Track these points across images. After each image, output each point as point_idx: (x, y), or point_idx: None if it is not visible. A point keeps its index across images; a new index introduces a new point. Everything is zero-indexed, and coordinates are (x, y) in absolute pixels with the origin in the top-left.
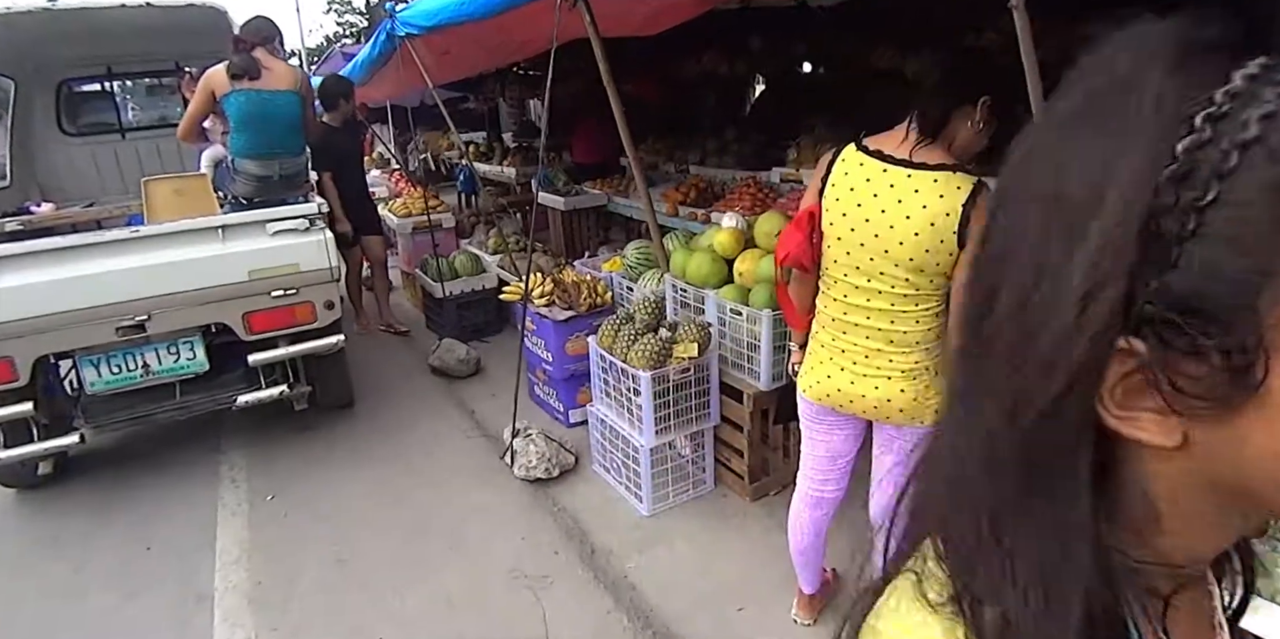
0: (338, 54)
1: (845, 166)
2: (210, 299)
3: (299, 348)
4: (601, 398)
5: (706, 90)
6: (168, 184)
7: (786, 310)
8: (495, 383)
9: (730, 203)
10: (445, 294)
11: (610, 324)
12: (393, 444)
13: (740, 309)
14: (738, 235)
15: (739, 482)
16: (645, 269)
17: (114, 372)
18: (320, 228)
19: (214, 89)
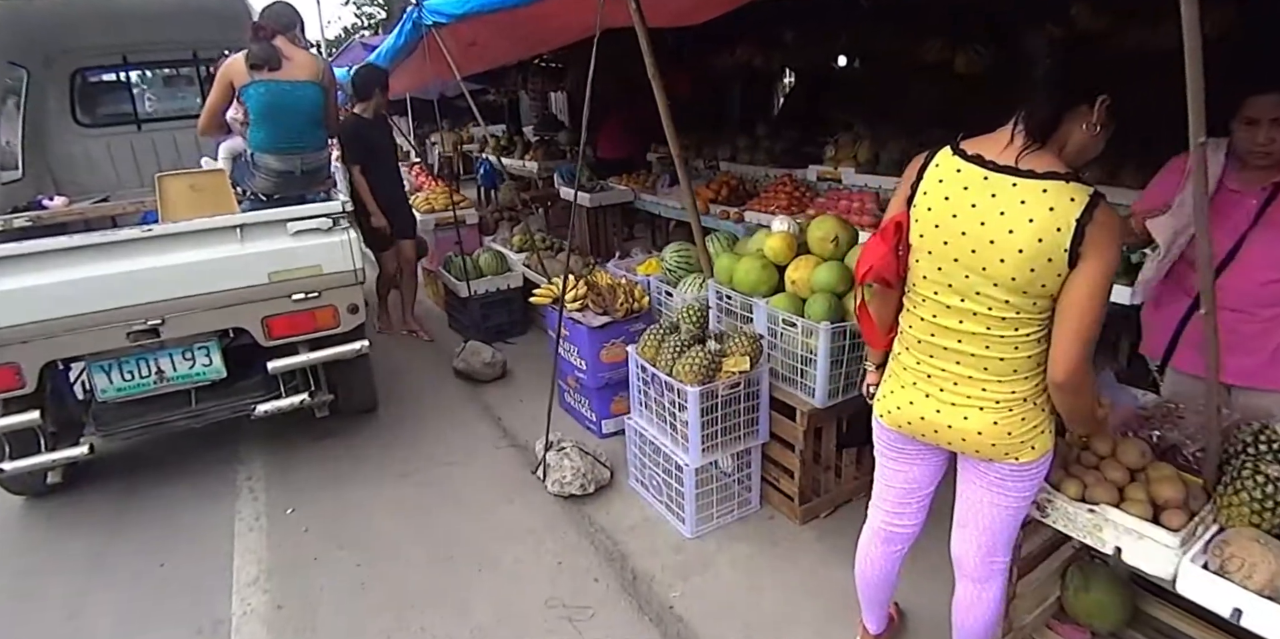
0: (357, 45)
1: (940, 172)
2: (227, 302)
3: (321, 354)
4: (640, 410)
5: (737, 84)
6: (183, 180)
7: (866, 328)
8: (522, 387)
9: (765, 202)
10: (470, 293)
11: (653, 334)
12: (418, 455)
13: (794, 320)
14: (789, 240)
15: (787, 503)
16: (685, 273)
17: (126, 378)
18: (344, 227)
19: (232, 80)
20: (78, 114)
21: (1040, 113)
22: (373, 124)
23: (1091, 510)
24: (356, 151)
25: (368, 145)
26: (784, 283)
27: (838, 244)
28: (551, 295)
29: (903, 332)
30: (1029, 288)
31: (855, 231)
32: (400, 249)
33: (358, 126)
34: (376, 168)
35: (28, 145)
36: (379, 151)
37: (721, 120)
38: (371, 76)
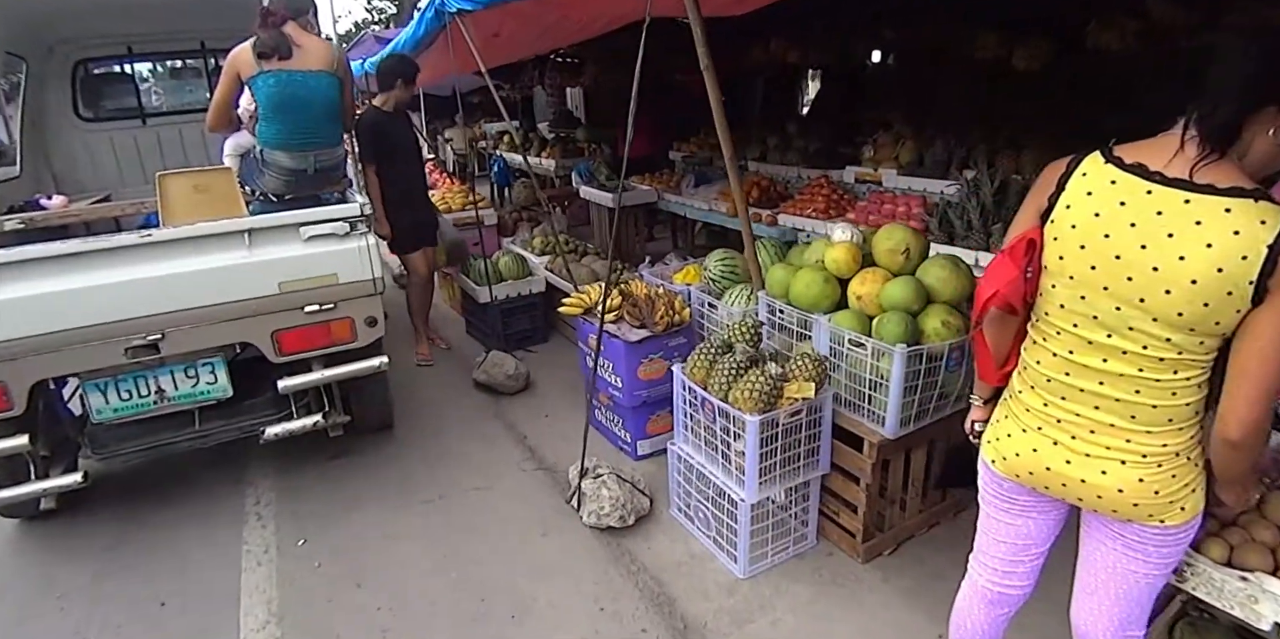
0: (370, 38)
1: (1089, 183)
2: (234, 315)
3: (336, 372)
4: (685, 435)
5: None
6: (186, 179)
7: (981, 359)
8: (546, 400)
9: (800, 204)
10: (490, 299)
11: (703, 353)
12: (439, 478)
13: (863, 341)
14: (854, 252)
15: (848, 539)
16: (731, 284)
17: (124, 397)
18: (362, 232)
19: (239, 70)
20: (80, 107)
21: (1221, 116)
22: (393, 118)
23: (1244, 578)
24: (372, 148)
25: (385, 142)
26: (846, 298)
27: (908, 256)
28: (583, 305)
29: (1026, 367)
30: (1198, 325)
31: (927, 243)
32: (424, 255)
33: (375, 120)
34: (394, 167)
35: (26, 140)
36: (398, 149)
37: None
38: (395, 66)
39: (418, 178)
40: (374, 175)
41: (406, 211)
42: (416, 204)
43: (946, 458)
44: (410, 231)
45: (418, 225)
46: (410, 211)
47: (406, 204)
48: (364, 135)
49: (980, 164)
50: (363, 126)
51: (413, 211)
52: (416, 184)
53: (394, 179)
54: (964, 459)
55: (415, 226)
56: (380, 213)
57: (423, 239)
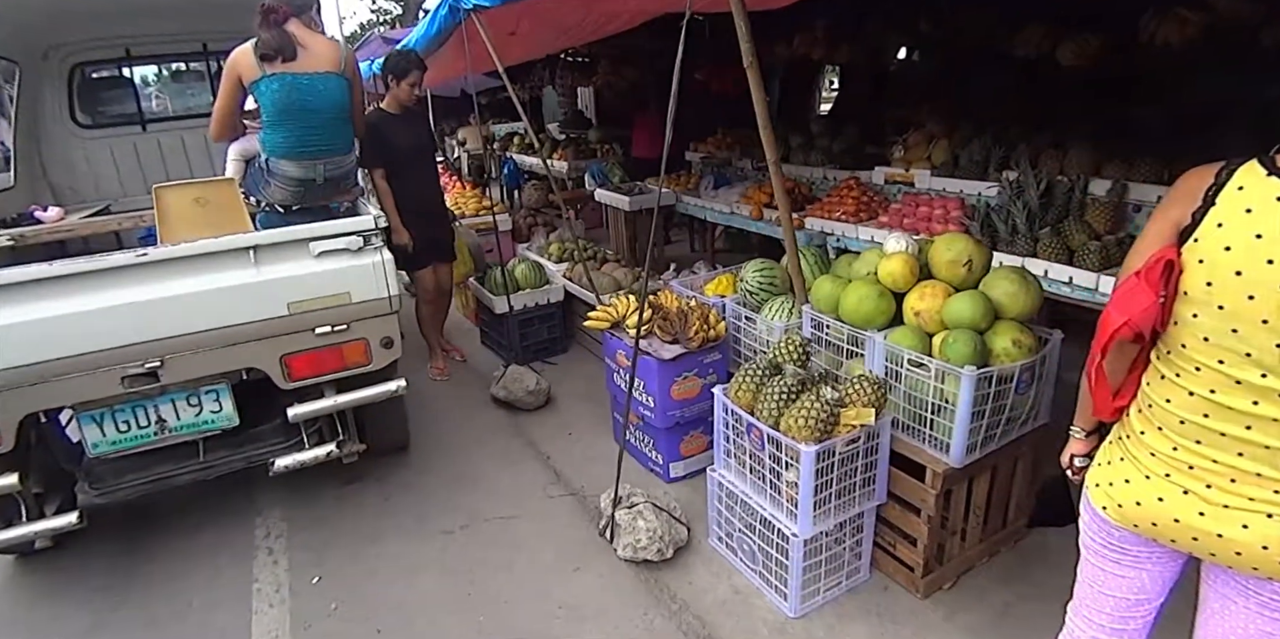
0: (376, 39)
1: (1247, 198)
2: (239, 339)
3: (350, 398)
4: (727, 461)
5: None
6: (186, 192)
7: (1097, 392)
8: (568, 417)
9: (828, 207)
10: (508, 309)
11: (749, 374)
12: (459, 505)
13: (926, 362)
14: (910, 263)
15: (904, 572)
16: (769, 296)
17: (121, 429)
18: (377, 247)
19: (240, 74)
20: (76, 114)
21: None
22: (400, 119)
23: None
24: (377, 152)
25: (391, 144)
26: (901, 313)
27: (970, 268)
28: (609, 319)
29: (1153, 404)
30: None
31: (989, 253)
32: (434, 272)
33: (380, 122)
34: (404, 172)
35: (20, 149)
36: (405, 152)
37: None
38: (399, 63)
39: (429, 186)
40: (383, 181)
41: (415, 224)
42: (428, 216)
43: (1040, 494)
44: (419, 247)
45: (429, 240)
46: (420, 225)
47: (420, 215)
48: (368, 138)
49: (1023, 164)
50: (367, 129)
51: (422, 225)
52: (427, 193)
53: (406, 185)
54: (1059, 496)
55: (425, 241)
56: (396, 221)
57: (434, 255)
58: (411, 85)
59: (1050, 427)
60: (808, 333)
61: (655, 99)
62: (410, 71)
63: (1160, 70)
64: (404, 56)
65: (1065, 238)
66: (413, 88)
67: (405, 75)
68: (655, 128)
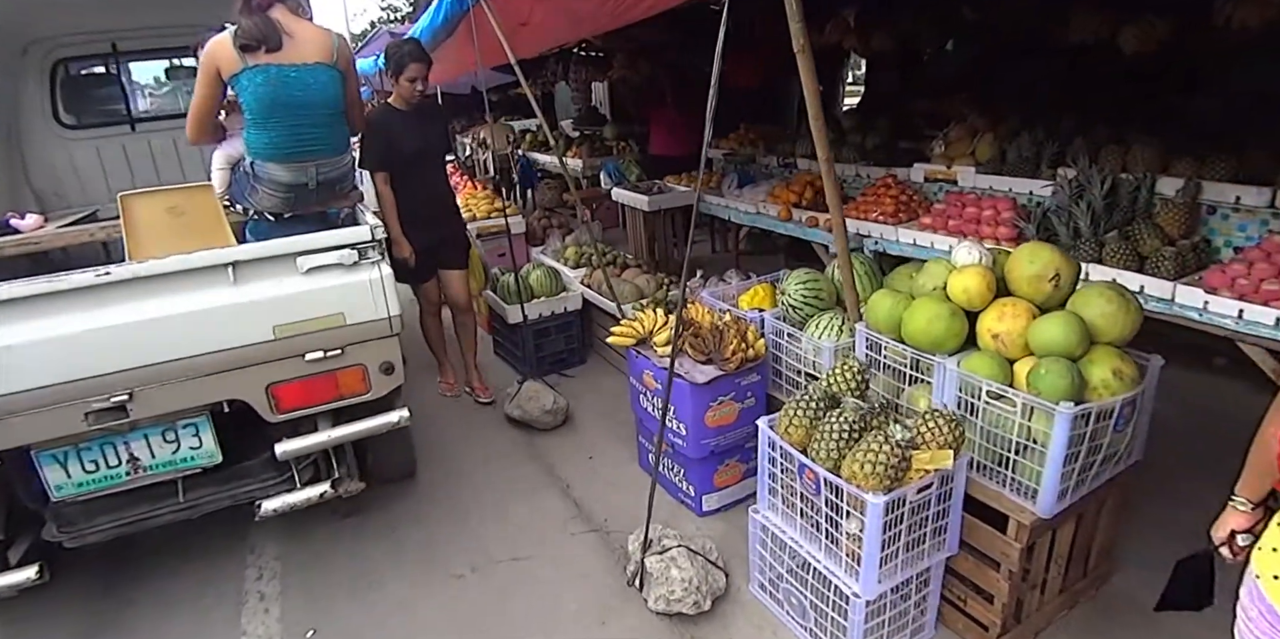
0: (384, 34)
1: None
2: (219, 368)
3: (345, 432)
4: (772, 502)
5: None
6: (157, 200)
7: None
8: (588, 437)
9: (865, 207)
10: (522, 319)
11: (801, 407)
12: (471, 543)
13: (1010, 394)
14: (987, 278)
15: (975, 629)
16: (814, 311)
17: (89, 469)
18: (374, 261)
19: (219, 67)
20: (60, 113)
21: None
22: (408, 116)
23: None
24: (379, 152)
25: (395, 145)
26: (974, 334)
27: (1058, 284)
28: (634, 336)
29: None
30: None
31: (1077, 266)
32: (447, 281)
33: (384, 119)
34: (410, 176)
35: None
36: (412, 154)
37: (781, 111)
38: (401, 53)
39: (437, 192)
40: (385, 186)
41: (419, 232)
42: (434, 223)
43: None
44: (424, 258)
45: (434, 247)
46: (423, 232)
47: (418, 223)
48: (368, 137)
49: (1082, 161)
50: (368, 127)
51: (429, 232)
52: (435, 199)
53: (412, 191)
54: (1202, 576)
55: (431, 250)
56: (397, 231)
57: (441, 263)
58: (411, 81)
59: (1142, 464)
60: (861, 354)
61: (672, 94)
62: (407, 65)
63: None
64: (399, 48)
65: (1135, 243)
66: (413, 83)
67: (402, 69)
68: (674, 124)
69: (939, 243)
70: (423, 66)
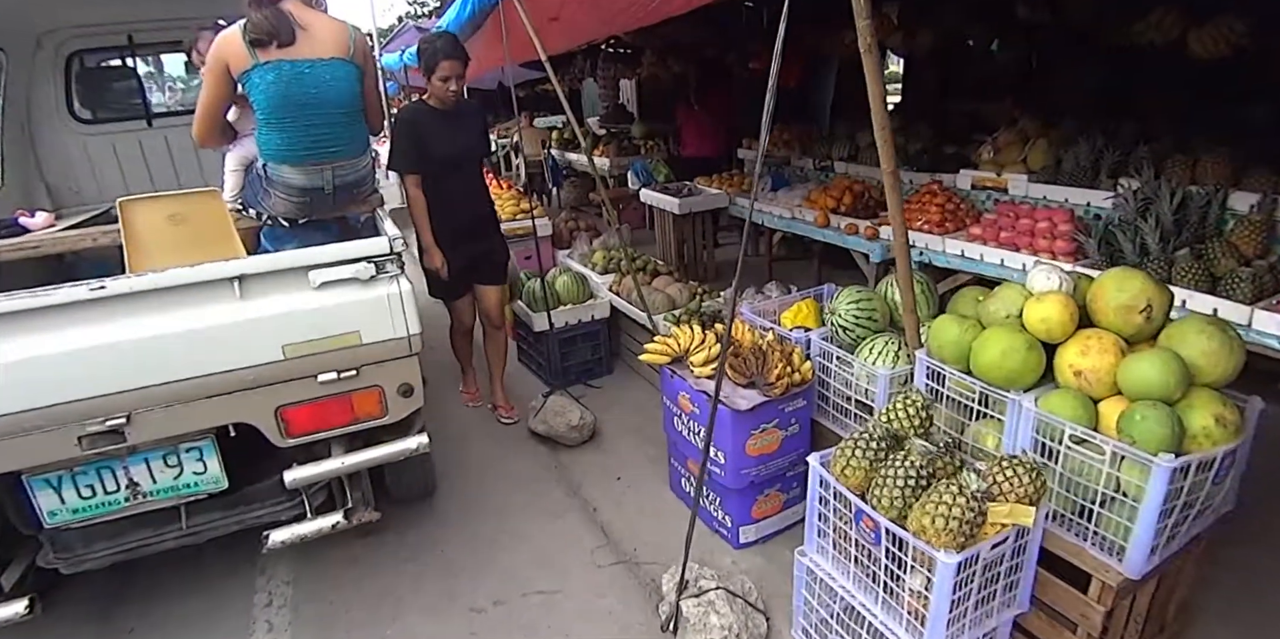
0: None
1: None
2: (224, 389)
3: (360, 459)
4: (819, 543)
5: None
6: (158, 206)
7: None
8: (616, 455)
9: (908, 214)
10: (548, 326)
11: (859, 447)
12: (492, 573)
13: (1097, 441)
14: (1070, 308)
15: None
16: (867, 333)
17: (85, 495)
18: (392, 275)
19: (228, 63)
20: (75, 107)
21: None
22: (443, 116)
23: None
24: (409, 154)
25: (427, 146)
26: (1052, 368)
27: (1149, 316)
28: (669, 354)
29: None
30: None
31: (1171, 296)
32: (481, 298)
33: (416, 118)
34: (443, 179)
35: (9, 146)
36: (446, 156)
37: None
38: (422, 51)
39: (473, 197)
40: (416, 189)
41: (454, 245)
42: (471, 233)
43: None
44: (457, 271)
45: (470, 261)
46: (459, 246)
47: (453, 235)
48: (398, 138)
49: (1147, 172)
50: (398, 127)
51: (464, 243)
52: (471, 205)
53: (436, 199)
54: None
55: (466, 263)
56: (429, 239)
57: (476, 278)
58: (444, 80)
59: (1234, 513)
60: (921, 384)
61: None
62: (439, 63)
63: None
64: (431, 43)
65: (1209, 262)
66: (446, 83)
67: (434, 67)
68: (703, 124)
69: (989, 255)
70: (457, 64)
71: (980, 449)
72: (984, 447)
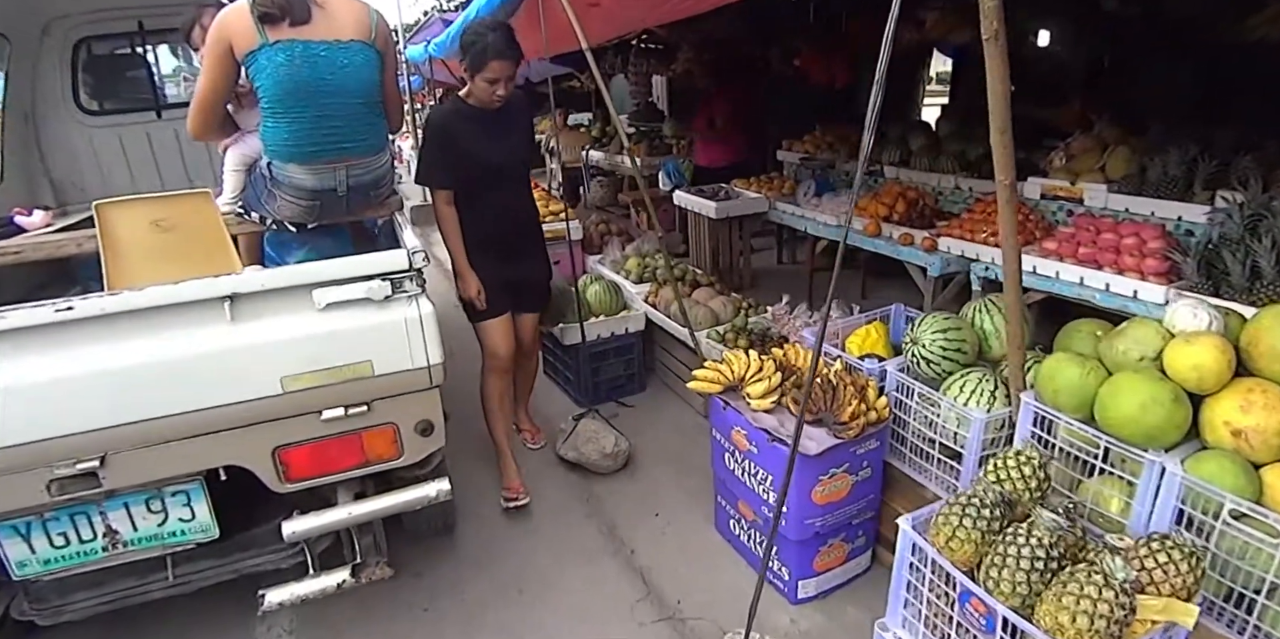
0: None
1: None
2: (212, 427)
3: (370, 508)
4: (906, 617)
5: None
6: (139, 211)
7: None
8: (653, 486)
9: (969, 225)
10: (580, 341)
11: (966, 516)
12: (521, 631)
13: (1262, 517)
14: (1226, 353)
15: None
16: (955, 366)
17: (57, 544)
18: (411, 294)
19: (231, 42)
20: (81, 98)
21: None
22: (482, 117)
23: None
24: (440, 164)
25: (463, 153)
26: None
27: None
28: (723, 382)
29: None
30: None
31: None
32: (518, 326)
33: (449, 119)
34: (481, 193)
35: (11, 138)
36: (486, 166)
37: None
38: (467, 43)
39: (517, 213)
40: (448, 206)
41: (492, 269)
42: (512, 256)
43: None
44: (494, 300)
45: (507, 284)
46: (498, 270)
47: (492, 257)
48: (425, 141)
49: (1254, 185)
50: (429, 130)
51: (503, 269)
52: (513, 223)
53: (472, 216)
54: None
55: (502, 286)
56: (463, 262)
57: (513, 301)
58: (491, 82)
59: None
60: (1025, 432)
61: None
62: (487, 62)
63: None
64: (480, 35)
65: None
66: (493, 86)
67: (481, 66)
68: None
69: (1067, 272)
70: (509, 65)
71: (1100, 513)
72: (1106, 510)
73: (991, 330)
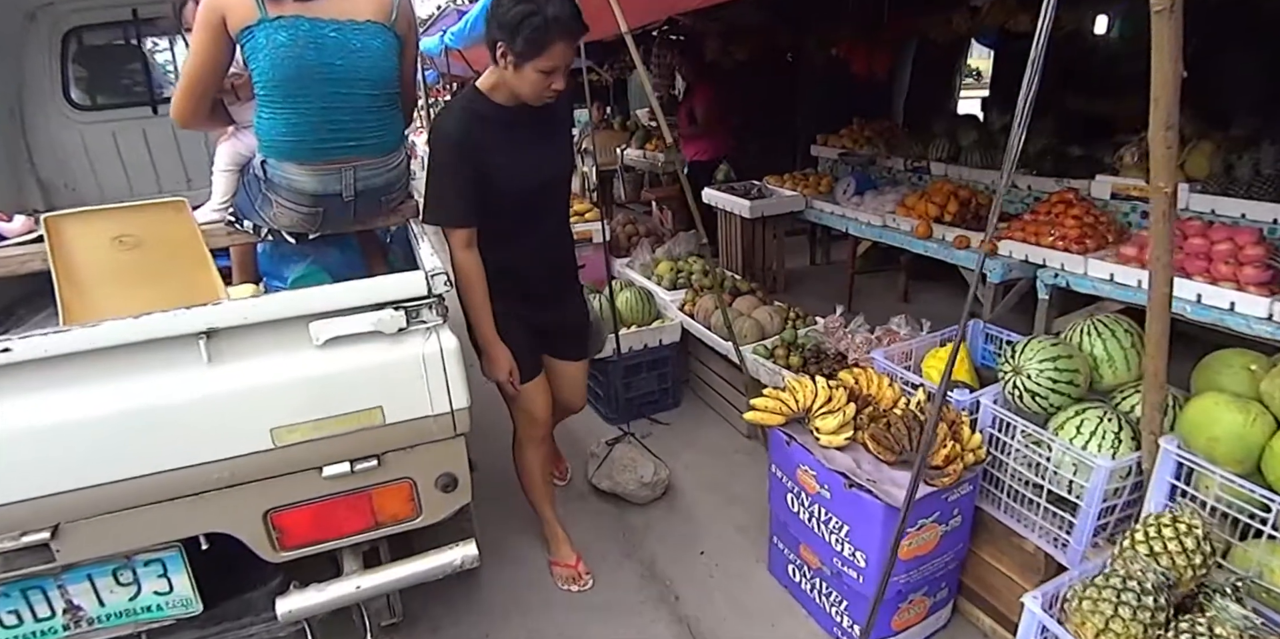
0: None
1: None
2: (187, 490)
3: (381, 581)
4: None
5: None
6: (101, 224)
7: None
8: (694, 517)
9: (1035, 228)
10: (614, 353)
11: (1122, 603)
12: None
13: None
14: None
15: None
16: (1066, 401)
17: (9, 623)
18: (430, 325)
19: (225, 15)
20: (71, 92)
21: None
22: (512, 118)
23: None
24: (456, 195)
25: (487, 176)
26: None
27: None
28: (786, 413)
29: None
30: None
31: None
32: (558, 378)
33: (468, 130)
34: (511, 224)
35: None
36: (520, 190)
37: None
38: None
39: (554, 244)
40: (467, 251)
41: (521, 315)
42: (546, 297)
43: None
44: (525, 348)
45: (544, 336)
46: (530, 314)
47: (522, 299)
48: (433, 164)
49: None
50: (439, 137)
51: (535, 313)
52: (554, 252)
53: (496, 250)
54: None
55: (537, 339)
56: (490, 333)
57: (553, 352)
58: (547, 72)
59: None
60: (1164, 486)
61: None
62: (551, 43)
63: None
64: (538, 9)
65: None
66: (548, 77)
67: (542, 49)
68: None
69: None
70: (573, 47)
71: (1266, 588)
72: (1272, 585)
73: (1103, 357)
